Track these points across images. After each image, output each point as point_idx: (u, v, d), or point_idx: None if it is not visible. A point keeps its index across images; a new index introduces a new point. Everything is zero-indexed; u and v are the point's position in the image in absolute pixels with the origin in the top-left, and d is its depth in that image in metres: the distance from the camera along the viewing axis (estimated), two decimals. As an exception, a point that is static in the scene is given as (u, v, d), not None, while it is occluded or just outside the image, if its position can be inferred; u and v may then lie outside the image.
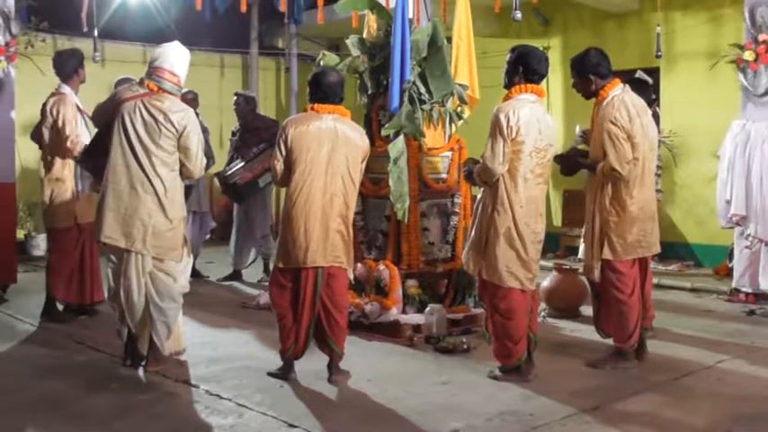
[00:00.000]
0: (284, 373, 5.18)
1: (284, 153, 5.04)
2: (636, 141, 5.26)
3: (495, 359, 5.19)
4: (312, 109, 5.18)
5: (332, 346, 5.12)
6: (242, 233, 9.01)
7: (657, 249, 5.58)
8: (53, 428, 4.37)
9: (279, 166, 5.09)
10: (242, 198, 8.74)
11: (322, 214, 5.00)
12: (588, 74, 5.43)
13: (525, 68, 5.12)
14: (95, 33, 8.52)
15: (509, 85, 5.19)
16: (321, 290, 5.05)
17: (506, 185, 4.99)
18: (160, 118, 5.17)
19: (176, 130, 5.19)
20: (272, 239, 8.95)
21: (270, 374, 5.22)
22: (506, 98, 5.14)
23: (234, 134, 9.13)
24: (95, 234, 5.30)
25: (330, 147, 5.03)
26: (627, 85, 5.52)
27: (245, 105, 9.04)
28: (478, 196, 5.27)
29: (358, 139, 5.18)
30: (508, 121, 4.93)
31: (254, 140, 8.74)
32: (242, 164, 8.61)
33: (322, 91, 5.21)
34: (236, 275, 9.09)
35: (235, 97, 9.12)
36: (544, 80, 5.27)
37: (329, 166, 5.03)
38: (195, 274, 8.02)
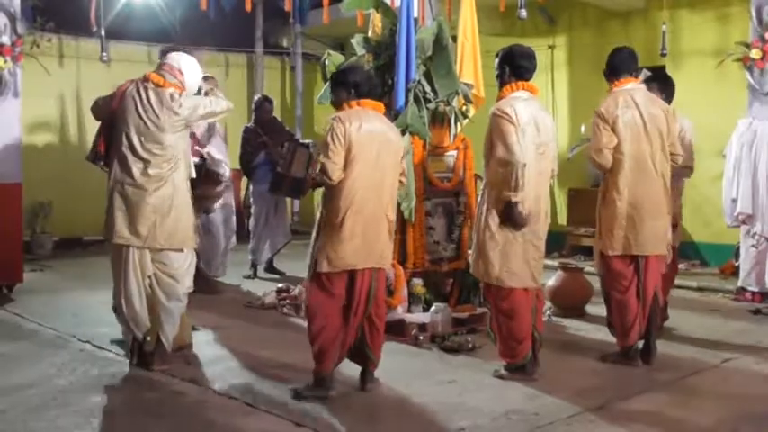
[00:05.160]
0: (325, 390, 4.76)
1: (343, 151, 4.67)
2: (619, 133, 5.33)
3: (501, 358, 5.19)
4: (358, 105, 4.85)
5: (369, 355, 4.88)
6: (267, 228, 9.10)
7: (657, 251, 5.45)
8: (60, 427, 4.37)
9: (339, 162, 4.66)
10: (301, 192, 9.03)
11: (374, 215, 4.77)
12: (604, 70, 5.59)
13: (511, 66, 5.12)
14: (102, 33, 8.51)
15: (501, 86, 5.19)
16: (374, 292, 4.82)
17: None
18: (157, 110, 5.16)
19: (174, 118, 5.19)
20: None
21: (302, 397, 4.74)
22: (499, 98, 5.13)
23: (258, 134, 9.12)
24: (107, 234, 5.28)
25: (379, 145, 4.79)
26: (642, 84, 5.56)
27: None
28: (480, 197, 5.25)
29: (397, 137, 5.00)
30: (510, 117, 4.89)
31: (280, 140, 8.90)
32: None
33: (366, 86, 4.90)
34: (256, 271, 9.26)
35: (264, 101, 9.20)
36: (534, 77, 5.24)
37: (377, 165, 4.76)
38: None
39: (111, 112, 5.31)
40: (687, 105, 9.59)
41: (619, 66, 5.54)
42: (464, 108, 7.17)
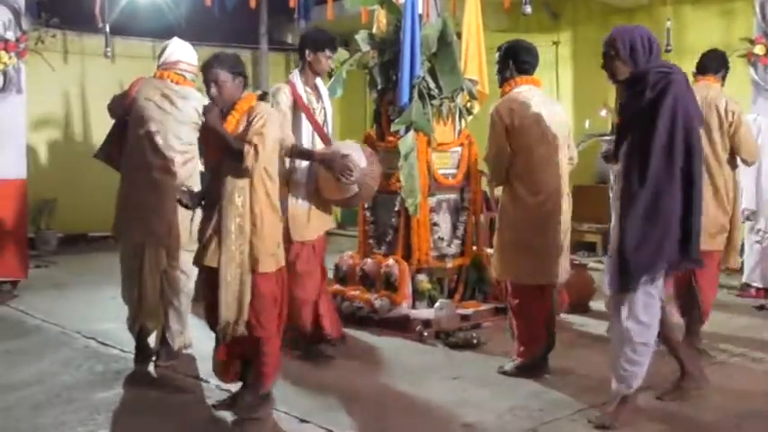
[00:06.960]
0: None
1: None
2: None
3: (515, 355, 5.17)
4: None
5: None
6: None
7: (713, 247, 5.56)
8: (64, 423, 4.39)
9: None
10: None
11: None
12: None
13: (515, 60, 5.11)
14: (107, 29, 8.50)
15: (502, 82, 5.18)
16: None
17: (516, 182, 4.98)
18: (178, 107, 5.17)
19: (193, 120, 5.19)
20: None
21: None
22: (502, 95, 5.14)
23: None
24: (119, 234, 5.25)
25: None
26: (716, 84, 5.65)
27: None
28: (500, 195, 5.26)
29: None
30: (502, 120, 4.93)
31: None
32: None
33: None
34: None
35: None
36: (538, 73, 5.25)
37: None
38: None
39: (126, 110, 5.24)
40: (692, 101, 9.60)
41: (706, 65, 5.66)
42: (468, 104, 7.16)
